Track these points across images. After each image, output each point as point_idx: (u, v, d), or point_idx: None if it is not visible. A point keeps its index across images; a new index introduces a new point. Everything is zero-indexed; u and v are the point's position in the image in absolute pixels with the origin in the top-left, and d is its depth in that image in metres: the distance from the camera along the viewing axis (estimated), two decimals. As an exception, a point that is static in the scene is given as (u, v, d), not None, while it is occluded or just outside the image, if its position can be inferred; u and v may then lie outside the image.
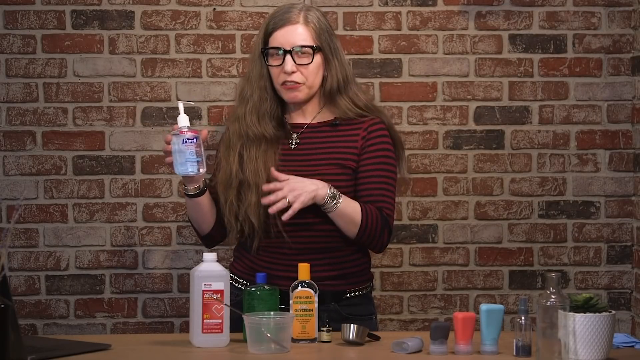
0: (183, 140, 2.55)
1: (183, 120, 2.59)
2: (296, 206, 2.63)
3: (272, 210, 2.64)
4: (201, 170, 2.59)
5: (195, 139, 2.56)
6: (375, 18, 3.51)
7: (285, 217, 2.63)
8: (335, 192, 2.67)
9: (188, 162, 2.57)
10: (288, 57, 2.72)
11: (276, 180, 2.67)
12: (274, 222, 2.70)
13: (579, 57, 3.55)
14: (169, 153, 2.61)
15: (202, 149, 2.59)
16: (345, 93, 2.79)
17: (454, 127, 3.54)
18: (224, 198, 2.76)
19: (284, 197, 2.63)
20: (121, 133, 3.49)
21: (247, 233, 2.75)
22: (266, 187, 2.67)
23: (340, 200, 2.67)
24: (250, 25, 3.49)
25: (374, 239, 2.73)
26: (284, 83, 2.74)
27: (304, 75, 2.74)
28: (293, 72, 2.73)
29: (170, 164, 2.61)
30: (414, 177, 3.52)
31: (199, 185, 2.71)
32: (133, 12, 3.48)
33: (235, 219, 2.75)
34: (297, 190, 2.64)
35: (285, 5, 2.80)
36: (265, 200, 2.66)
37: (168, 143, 2.61)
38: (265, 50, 2.76)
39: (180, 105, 2.63)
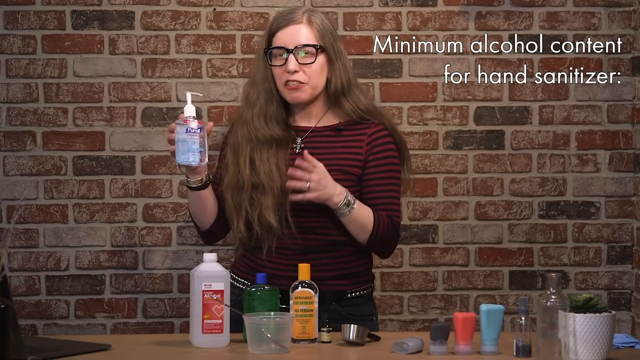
0: (187, 129, 2.52)
1: (189, 110, 2.55)
2: (309, 197, 2.64)
3: (290, 183, 2.66)
4: (203, 161, 2.56)
5: (199, 130, 2.53)
6: (375, 18, 3.51)
7: (294, 197, 2.65)
8: (350, 199, 2.67)
9: (190, 152, 2.54)
10: (291, 56, 2.71)
11: (304, 163, 2.66)
12: (286, 225, 2.70)
13: (579, 57, 3.55)
14: (172, 142, 2.58)
15: (207, 140, 2.57)
16: (348, 95, 2.79)
17: (454, 128, 3.54)
18: (234, 203, 2.74)
19: (308, 182, 2.64)
20: (121, 133, 3.49)
21: (260, 236, 2.73)
22: (300, 162, 2.66)
23: (354, 207, 2.67)
24: (250, 25, 3.49)
25: (382, 246, 2.77)
26: (286, 83, 2.74)
27: (307, 75, 2.73)
28: (296, 72, 2.72)
29: (173, 153, 2.58)
30: (414, 177, 3.52)
31: (202, 178, 2.69)
32: (133, 13, 3.48)
33: (246, 224, 2.73)
34: (320, 186, 2.64)
35: (288, 8, 2.80)
36: (292, 172, 2.66)
37: (172, 131, 2.58)
38: (269, 51, 2.75)
39: (188, 96, 2.59)
